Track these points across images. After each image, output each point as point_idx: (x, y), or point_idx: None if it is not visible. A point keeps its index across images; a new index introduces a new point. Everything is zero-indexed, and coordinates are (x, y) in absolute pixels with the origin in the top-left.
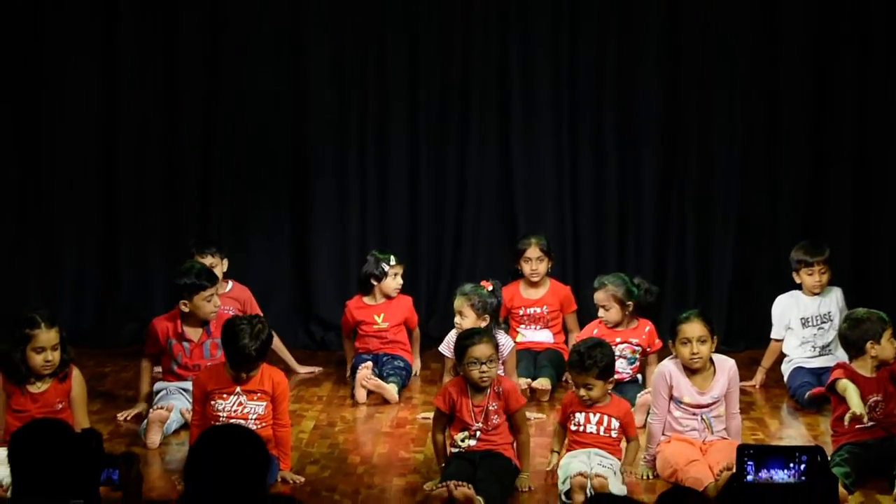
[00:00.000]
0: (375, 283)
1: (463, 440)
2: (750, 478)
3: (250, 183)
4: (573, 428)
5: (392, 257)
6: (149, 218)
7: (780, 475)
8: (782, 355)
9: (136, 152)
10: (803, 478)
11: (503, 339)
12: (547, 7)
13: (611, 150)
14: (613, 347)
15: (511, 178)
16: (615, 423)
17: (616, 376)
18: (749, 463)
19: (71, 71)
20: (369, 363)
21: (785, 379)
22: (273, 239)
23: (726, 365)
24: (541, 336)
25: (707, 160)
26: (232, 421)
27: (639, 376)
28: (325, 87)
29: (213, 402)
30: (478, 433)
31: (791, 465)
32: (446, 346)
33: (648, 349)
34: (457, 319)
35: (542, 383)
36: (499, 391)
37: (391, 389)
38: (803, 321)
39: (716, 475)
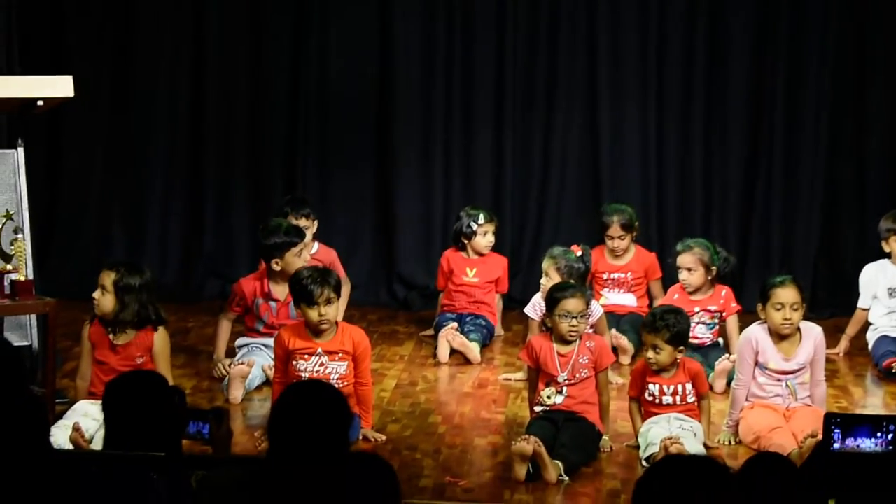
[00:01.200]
0: (466, 241)
1: (549, 396)
2: (836, 446)
3: (334, 142)
4: (648, 398)
5: (482, 214)
6: (234, 175)
7: (867, 444)
8: (868, 324)
9: (222, 111)
10: (891, 447)
11: (592, 305)
12: None
13: (697, 119)
14: (692, 316)
15: (598, 139)
16: (689, 388)
17: (696, 342)
18: (836, 431)
19: (163, 38)
20: (454, 323)
21: (870, 347)
22: (356, 198)
23: (813, 332)
24: (624, 299)
25: (794, 128)
26: None
27: (720, 340)
28: (413, 55)
29: (294, 363)
30: (564, 389)
31: (878, 434)
32: (532, 308)
33: (724, 313)
34: (543, 280)
35: (625, 344)
36: (590, 346)
37: (474, 349)
38: (890, 291)
39: (800, 442)
